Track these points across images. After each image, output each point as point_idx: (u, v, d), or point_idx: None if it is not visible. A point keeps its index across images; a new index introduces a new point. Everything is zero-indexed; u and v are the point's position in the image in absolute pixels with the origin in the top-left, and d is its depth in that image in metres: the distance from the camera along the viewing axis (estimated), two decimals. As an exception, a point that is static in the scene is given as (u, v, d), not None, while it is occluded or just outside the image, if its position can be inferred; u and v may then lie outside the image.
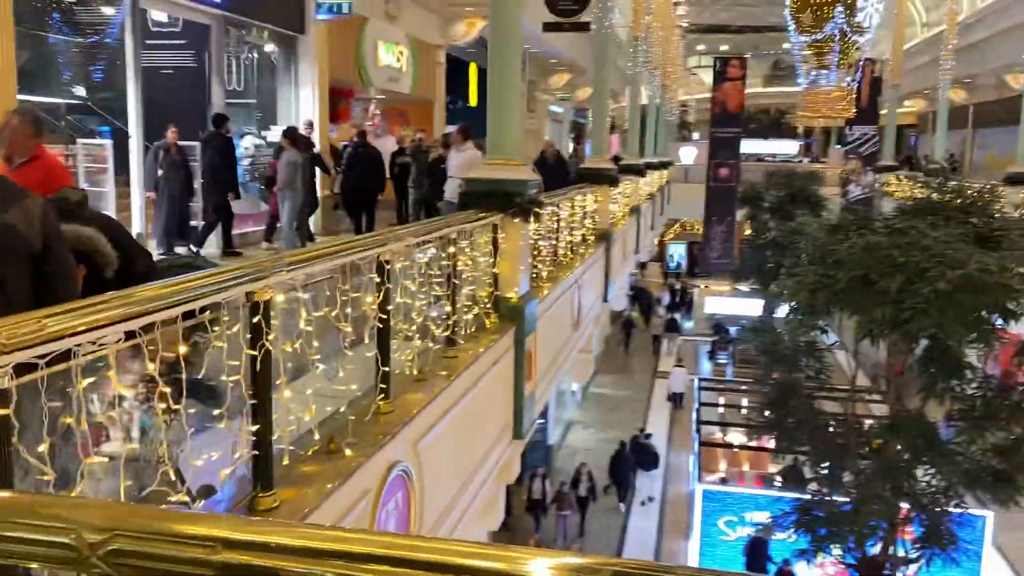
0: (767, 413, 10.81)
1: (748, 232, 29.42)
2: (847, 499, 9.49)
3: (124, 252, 3.22)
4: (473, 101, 23.23)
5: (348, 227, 12.95)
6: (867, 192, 22.96)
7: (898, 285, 7.79)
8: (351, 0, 12.65)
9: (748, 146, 35.85)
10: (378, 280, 4.14)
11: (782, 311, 30.55)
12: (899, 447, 8.63)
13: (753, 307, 32.03)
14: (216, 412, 2.87)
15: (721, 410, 20.22)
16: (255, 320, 2.99)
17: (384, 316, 4.22)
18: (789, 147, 44.24)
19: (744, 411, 20.37)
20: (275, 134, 12.43)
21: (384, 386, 4.27)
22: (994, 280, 7.48)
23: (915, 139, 49.04)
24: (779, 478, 16.84)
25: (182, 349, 2.56)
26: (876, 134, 23.80)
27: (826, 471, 9.74)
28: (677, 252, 46.15)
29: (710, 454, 18.09)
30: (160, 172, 9.76)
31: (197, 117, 11.16)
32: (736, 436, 19.44)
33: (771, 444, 17.84)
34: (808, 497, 9.97)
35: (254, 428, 3.04)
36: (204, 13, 11.12)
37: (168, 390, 2.52)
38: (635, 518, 18.66)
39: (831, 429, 10.04)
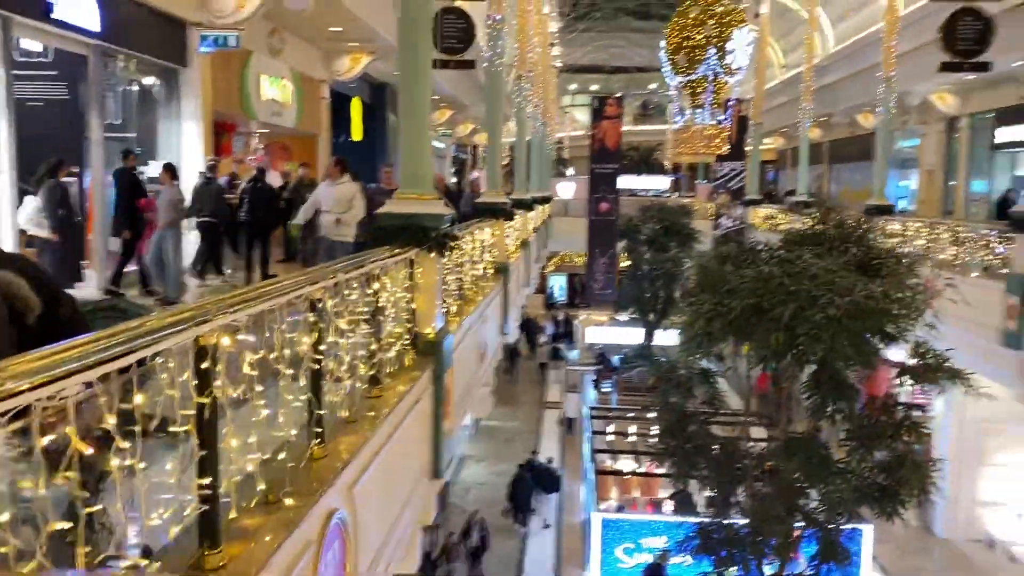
0: (653, 439, 11.09)
1: (626, 263, 30.36)
2: (745, 521, 9.81)
3: (47, 296, 2.97)
4: (357, 135, 23.03)
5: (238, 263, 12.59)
6: (737, 224, 24.10)
7: (791, 312, 8.16)
8: (237, 33, 12.34)
9: (622, 181, 36.98)
10: (312, 319, 4.00)
11: (662, 338, 31.61)
12: (793, 469, 8.98)
13: (633, 336, 32.98)
14: (169, 466, 2.67)
15: (611, 437, 20.57)
16: (202, 366, 2.81)
17: (318, 357, 4.07)
18: (661, 182, 46.02)
19: (632, 438, 20.82)
20: (155, 169, 11.91)
21: (319, 430, 4.11)
22: (879, 306, 7.97)
23: (774, 174, 51.92)
24: (670, 503, 17.27)
25: (138, 399, 2.38)
26: (743, 170, 25.09)
27: (723, 495, 10.02)
28: (558, 284, 46.96)
29: (602, 482, 18.34)
30: (60, 212, 9.21)
31: (73, 151, 10.53)
32: (627, 463, 19.80)
33: (661, 470, 18.34)
34: (707, 520, 10.23)
35: (203, 481, 2.84)
36: (80, 43, 10.55)
37: (120, 444, 2.33)
38: (532, 550, 18.64)
39: (725, 453, 10.38)
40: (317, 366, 4.06)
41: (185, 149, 12.77)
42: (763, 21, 32.05)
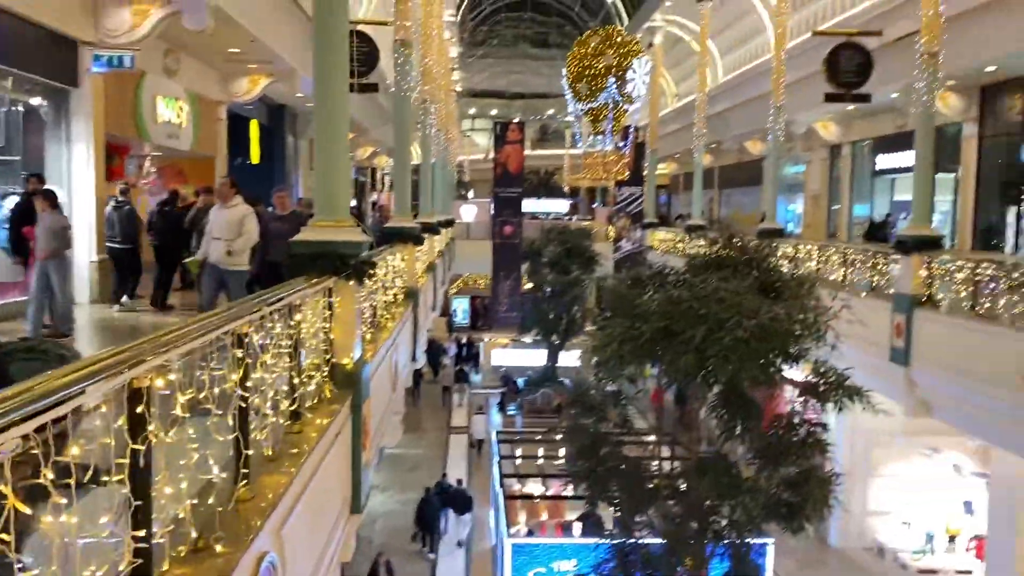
0: (560, 462, 11.15)
1: (529, 285, 30.66)
2: (660, 541, 9.98)
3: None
4: (255, 158, 22.48)
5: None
6: (637, 247, 24.68)
7: (701, 335, 8.39)
8: (132, 53, 11.87)
9: (524, 204, 37.45)
10: (240, 355, 3.84)
11: (566, 360, 31.88)
12: (705, 488, 9.19)
13: (538, 357, 33.24)
14: (104, 519, 2.50)
15: (519, 461, 20.58)
16: (137, 410, 2.65)
17: (245, 394, 3.91)
18: (561, 206, 46.76)
19: (540, 461, 20.90)
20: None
21: (246, 471, 3.94)
22: (783, 328, 8.28)
23: (666, 198, 53.52)
24: (579, 525, 17.39)
25: (74, 451, 2.21)
26: (642, 194, 25.77)
27: (635, 515, 10.17)
28: (461, 306, 46.90)
29: (510, 506, 18.31)
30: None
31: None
32: (535, 486, 19.85)
33: (570, 492, 18.48)
34: (622, 542, 10.35)
35: (138, 533, 2.67)
36: (-40, 61, 9.95)
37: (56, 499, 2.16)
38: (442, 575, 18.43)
39: (636, 474, 10.55)
40: (244, 403, 3.90)
41: (75, 173, 12.15)
42: (656, 51, 33.15)
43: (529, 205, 43.53)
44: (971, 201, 19.55)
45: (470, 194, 55.94)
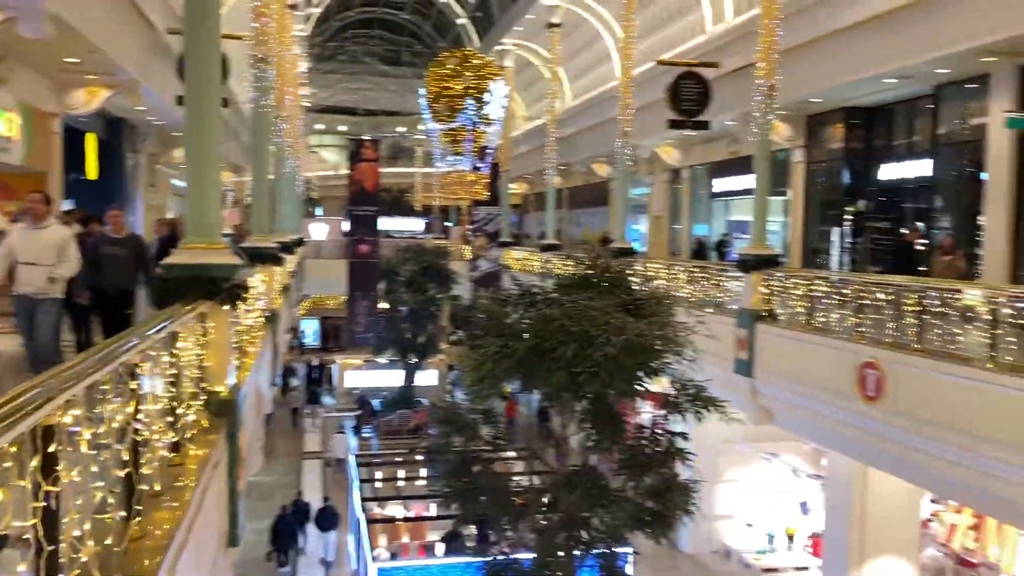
0: (421, 483, 11.10)
1: (385, 305, 30.37)
2: (531, 555, 10.14)
3: None
4: (92, 174, 21.13)
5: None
6: (493, 266, 25.04)
7: (572, 352, 8.66)
8: (-40, 59, 10.94)
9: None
10: (133, 387, 3.66)
11: (423, 379, 31.72)
12: (576, 500, 9.45)
13: (393, 378, 32.90)
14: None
15: (378, 484, 20.29)
16: (50, 449, 2.50)
17: (138, 427, 3.73)
18: (416, 224, 46.66)
19: (401, 483, 20.70)
20: None
21: (139, 508, 3.75)
22: (648, 343, 8.68)
23: (517, 217, 54.53)
24: (442, 545, 17.36)
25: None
26: (498, 214, 26.21)
27: (508, 531, 10.31)
28: (310, 327, 45.73)
29: (371, 530, 18.02)
30: None
31: None
32: (395, 509, 19.63)
33: (433, 512, 18.42)
34: (496, 559, 10.44)
35: (48, 581, 2.51)
36: None
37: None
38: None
39: (506, 490, 10.71)
40: (138, 436, 3.72)
41: None
42: (508, 74, 33.85)
43: (383, 223, 43.19)
44: (800, 222, 21.15)
45: (318, 212, 54.87)
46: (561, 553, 9.48)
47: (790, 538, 19.09)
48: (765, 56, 13.99)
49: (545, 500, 10.31)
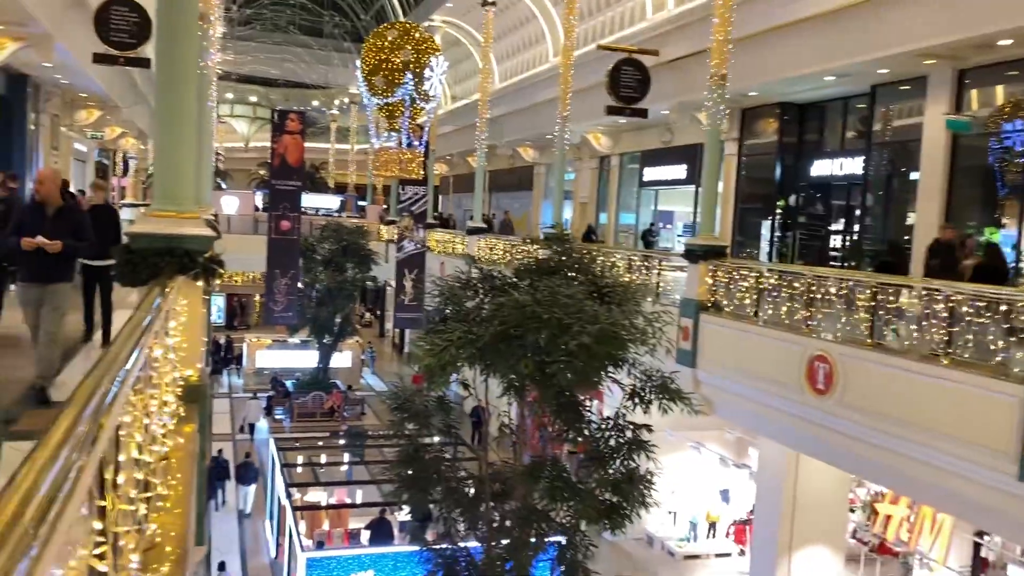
0: (345, 467, 10.66)
1: (301, 284, 29.37)
2: (478, 544, 9.82)
3: None
4: (-10, 134, 19.55)
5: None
6: (419, 247, 24.49)
7: (545, 339, 8.35)
8: None
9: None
10: (154, 379, 3.13)
11: (339, 361, 30.90)
12: (540, 492, 9.18)
13: (307, 359, 31.96)
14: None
15: (300, 469, 19.59)
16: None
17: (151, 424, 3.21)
18: (332, 202, 45.37)
19: (323, 469, 20.06)
20: None
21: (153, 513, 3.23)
22: (621, 333, 8.45)
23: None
24: (367, 533, 16.88)
25: None
26: (425, 194, 25.63)
27: (465, 520, 9.97)
28: (216, 304, 43.97)
29: (294, 517, 17.34)
30: None
31: None
32: (316, 494, 19.01)
33: (357, 500, 17.88)
34: (443, 548, 10.09)
35: None
36: None
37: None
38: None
39: (458, 479, 10.36)
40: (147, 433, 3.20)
41: None
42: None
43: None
44: (730, 214, 21.41)
45: (224, 184, 52.71)
46: (507, 542, 9.19)
47: (712, 525, 19.39)
48: (719, 46, 13.94)
49: (506, 491, 9.99)
